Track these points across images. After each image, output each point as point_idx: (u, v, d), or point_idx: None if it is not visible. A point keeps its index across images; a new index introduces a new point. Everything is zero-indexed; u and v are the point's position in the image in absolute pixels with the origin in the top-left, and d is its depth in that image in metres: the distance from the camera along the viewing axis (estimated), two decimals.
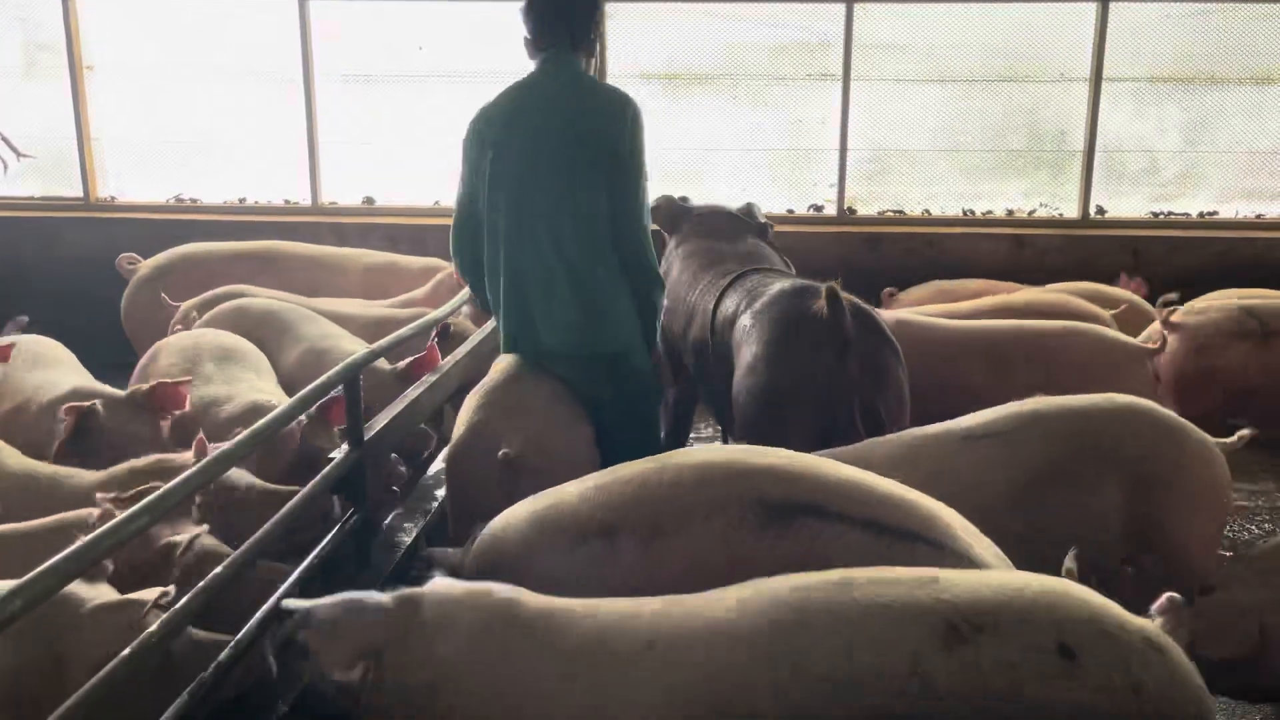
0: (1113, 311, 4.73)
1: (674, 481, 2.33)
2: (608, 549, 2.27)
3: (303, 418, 3.05)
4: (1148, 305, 5.10)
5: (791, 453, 2.46)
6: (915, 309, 4.79)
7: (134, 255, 5.48)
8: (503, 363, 3.36)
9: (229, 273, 5.23)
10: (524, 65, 3.46)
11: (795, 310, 3.37)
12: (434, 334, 3.92)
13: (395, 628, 1.93)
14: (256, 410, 3.25)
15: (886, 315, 4.14)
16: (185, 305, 4.82)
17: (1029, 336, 4.16)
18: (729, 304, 3.72)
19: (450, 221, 3.43)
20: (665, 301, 3.55)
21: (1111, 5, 6.17)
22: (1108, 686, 1.75)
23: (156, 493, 1.88)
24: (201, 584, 2.10)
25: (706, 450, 2.57)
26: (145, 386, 3.32)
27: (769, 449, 2.46)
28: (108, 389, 3.52)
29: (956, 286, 5.44)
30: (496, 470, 2.78)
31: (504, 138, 3.23)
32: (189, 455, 2.69)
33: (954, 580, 1.89)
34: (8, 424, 3.44)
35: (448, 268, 5.51)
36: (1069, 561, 2.10)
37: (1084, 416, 2.84)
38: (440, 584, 2.04)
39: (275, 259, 5.53)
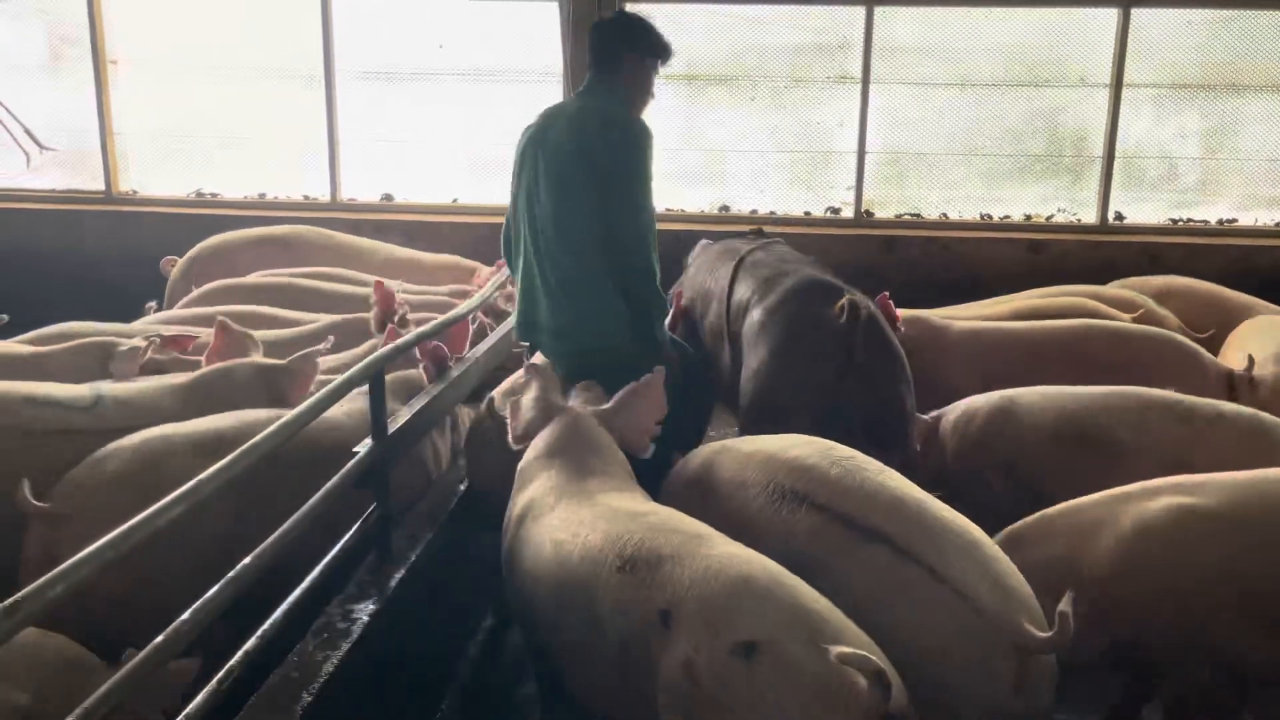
0: (1131, 316, 4.72)
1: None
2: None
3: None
4: (1164, 310, 5.10)
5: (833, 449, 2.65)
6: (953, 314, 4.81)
7: (173, 258, 5.53)
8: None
9: (249, 260, 5.33)
10: (541, 65, 3.70)
11: (804, 315, 3.39)
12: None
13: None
14: None
15: (960, 324, 4.23)
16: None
17: (1117, 340, 4.22)
18: (742, 290, 3.76)
19: (467, 219, 3.62)
20: (674, 301, 3.85)
21: (1133, 11, 6.17)
22: (680, 665, 1.96)
23: (191, 483, 1.91)
24: (230, 575, 2.12)
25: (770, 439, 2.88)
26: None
27: (822, 442, 2.72)
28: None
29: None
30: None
31: (527, 152, 3.59)
32: None
33: (675, 541, 2.20)
34: None
35: (470, 264, 5.58)
36: (1064, 604, 2.13)
37: None
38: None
39: (295, 245, 5.62)
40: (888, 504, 2.39)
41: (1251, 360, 4.12)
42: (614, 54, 3.59)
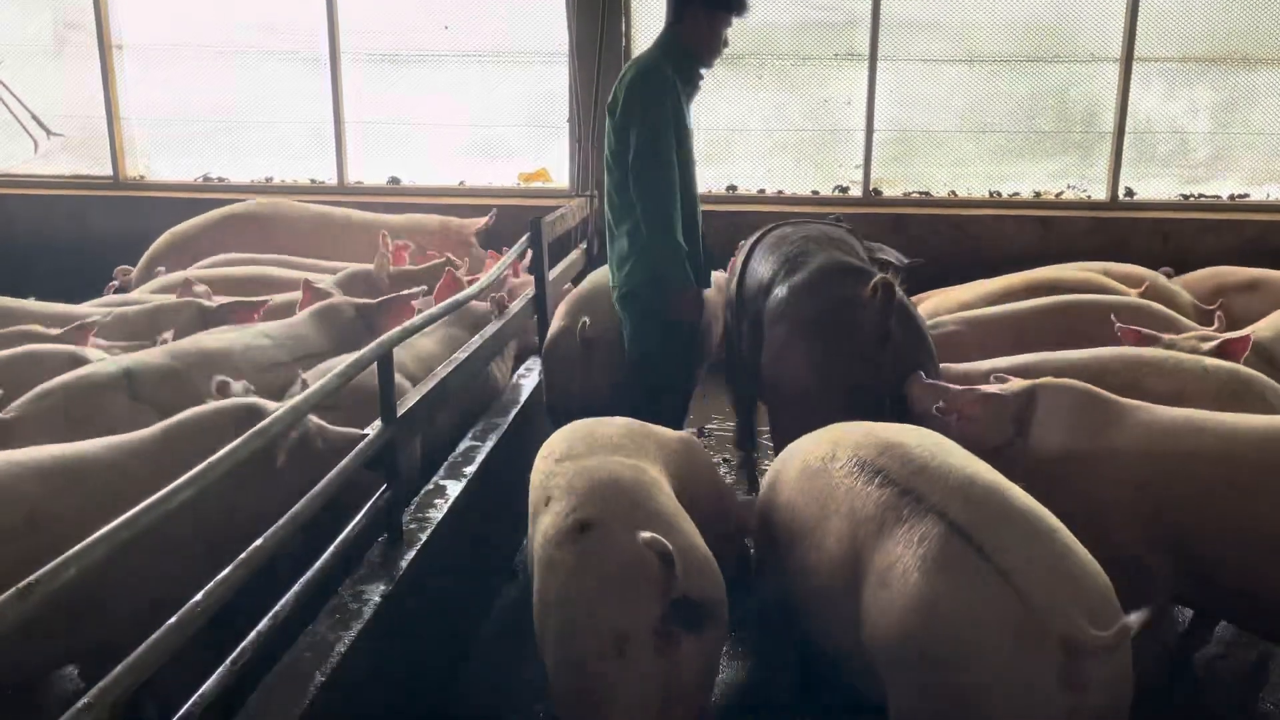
0: (1137, 291, 4.69)
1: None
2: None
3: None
4: (1173, 286, 5.06)
5: (916, 431, 2.69)
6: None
7: (126, 267, 5.52)
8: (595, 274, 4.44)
9: (212, 240, 5.51)
10: (549, 44, 3.75)
11: (833, 299, 3.35)
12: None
13: None
14: None
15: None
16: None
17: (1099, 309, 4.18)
18: (763, 269, 3.72)
19: (474, 201, 3.75)
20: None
21: None
22: (539, 535, 2.47)
23: (200, 467, 1.92)
24: (242, 556, 2.14)
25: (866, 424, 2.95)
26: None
27: (906, 427, 2.76)
28: None
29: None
30: (579, 345, 3.93)
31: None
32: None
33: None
34: None
35: (435, 219, 5.75)
36: (1134, 617, 2.03)
37: None
38: None
39: (258, 220, 5.73)
40: (957, 484, 2.35)
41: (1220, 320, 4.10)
42: (678, 7, 3.71)
